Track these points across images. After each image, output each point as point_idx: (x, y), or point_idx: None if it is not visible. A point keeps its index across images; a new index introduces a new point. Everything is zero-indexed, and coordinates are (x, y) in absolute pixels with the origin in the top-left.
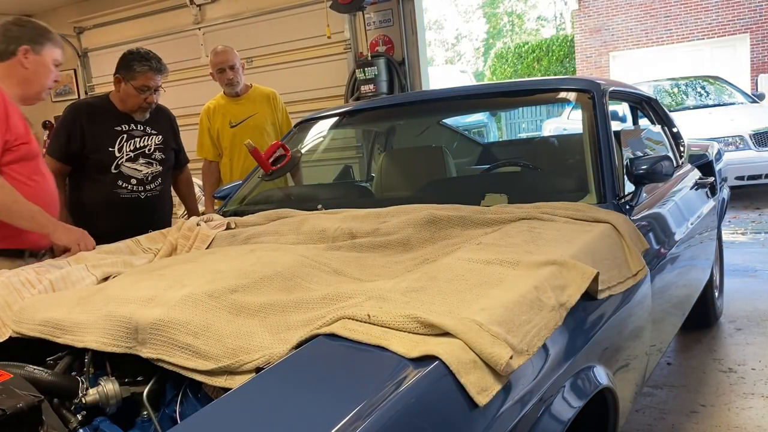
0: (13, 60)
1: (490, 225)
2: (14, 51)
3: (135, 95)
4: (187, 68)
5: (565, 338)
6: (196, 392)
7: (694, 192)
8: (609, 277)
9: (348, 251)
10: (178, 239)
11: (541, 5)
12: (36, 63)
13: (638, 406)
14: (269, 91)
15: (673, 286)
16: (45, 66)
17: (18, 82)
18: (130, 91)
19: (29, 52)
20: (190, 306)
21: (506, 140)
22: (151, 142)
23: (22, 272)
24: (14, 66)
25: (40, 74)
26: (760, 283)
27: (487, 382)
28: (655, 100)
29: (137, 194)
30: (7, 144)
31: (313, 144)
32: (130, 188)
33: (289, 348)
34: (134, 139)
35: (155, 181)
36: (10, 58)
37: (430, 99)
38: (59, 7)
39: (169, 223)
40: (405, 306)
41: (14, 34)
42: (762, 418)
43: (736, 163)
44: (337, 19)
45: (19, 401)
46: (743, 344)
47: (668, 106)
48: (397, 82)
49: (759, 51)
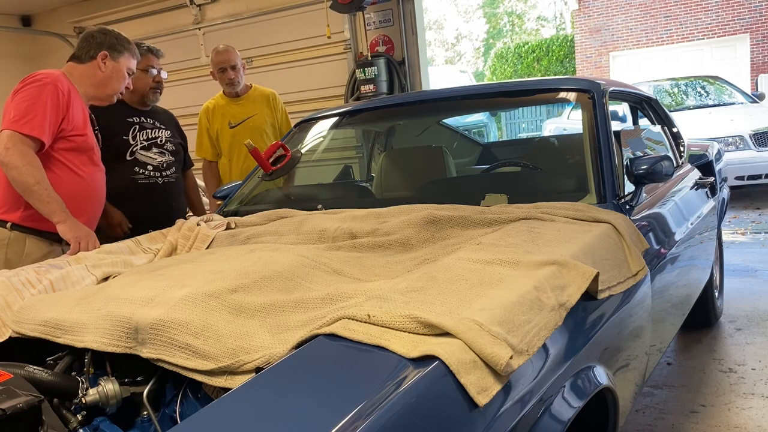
0: (93, 63)
1: (490, 225)
2: (95, 55)
3: (142, 76)
4: (187, 68)
5: (565, 338)
6: (196, 392)
7: (694, 192)
8: (609, 277)
9: (348, 251)
10: (178, 239)
11: (541, 5)
12: (112, 68)
13: (638, 406)
14: (269, 92)
15: (673, 286)
16: (120, 72)
17: (93, 83)
18: (137, 74)
19: (107, 58)
20: (190, 306)
21: (506, 140)
22: (162, 134)
23: (22, 272)
24: (92, 68)
25: (114, 79)
26: (760, 283)
27: (487, 382)
28: (655, 100)
29: (155, 179)
30: (63, 132)
31: (313, 144)
32: (147, 174)
33: (289, 348)
34: (146, 130)
35: (170, 168)
36: (90, 61)
37: (430, 99)
38: (59, 7)
39: (184, 214)
40: (405, 306)
41: (98, 40)
42: (762, 418)
43: (736, 163)
44: (337, 19)
45: (19, 401)
46: (743, 344)
47: (668, 106)
48: (397, 82)
49: (759, 51)
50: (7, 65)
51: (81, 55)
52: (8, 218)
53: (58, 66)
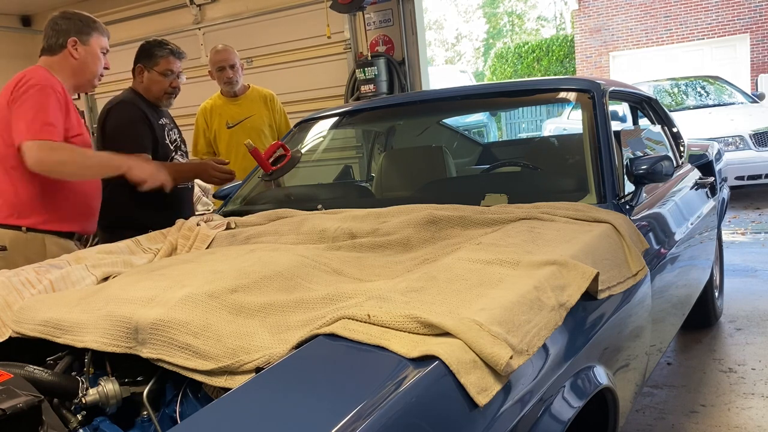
0: (64, 52)
1: (490, 225)
2: (64, 44)
3: (160, 80)
4: (187, 68)
5: (565, 338)
6: (196, 392)
7: (694, 192)
8: (609, 277)
9: (348, 251)
10: (178, 239)
11: (541, 5)
12: (85, 53)
13: (638, 406)
14: (267, 93)
15: (673, 286)
16: (94, 55)
17: (71, 73)
18: (155, 78)
19: (77, 44)
20: (190, 306)
21: (506, 140)
22: (177, 134)
23: (22, 272)
24: (66, 58)
25: (90, 63)
26: (760, 283)
27: (487, 382)
28: (655, 100)
29: (185, 183)
30: (66, 134)
31: (313, 144)
32: None
33: (289, 348)
34: (171, 131)
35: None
36: (61, 50)
37: (430, 99)
38: (59, 7)
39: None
40: (405, 306)
41: (62, 27)
42: (762, 418)
43: (736, 163)
44: (337, 19)
45: (19, 401)
46: (743, 344)
47: (668, 106)
48: (397, 82)
49: (759, 51)
50: (7, 65)
51: (51, 45)
52: (22, 223)
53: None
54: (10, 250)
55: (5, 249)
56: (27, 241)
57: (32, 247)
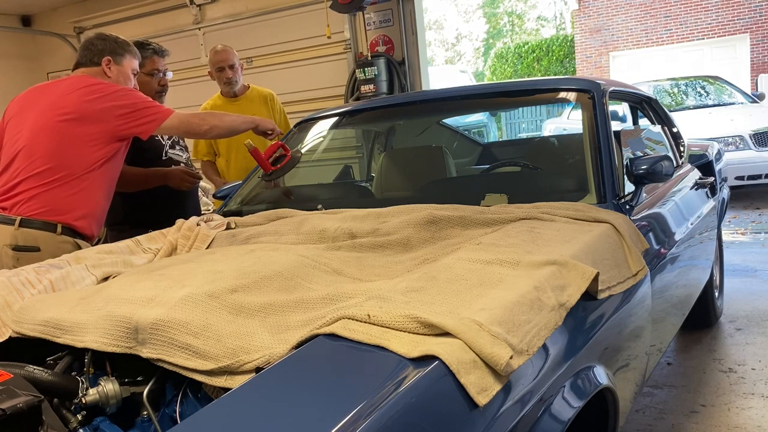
0: (98, 69)
1: (490, 225)
2: (98, 62)
3: (148, 81)
4: (187, 68)
5: (565, 338)
6: (196, 392)
7: (694, 192)
8: (609, 277)
9: (348, 251)
10: (178, 239)
11: (541, 5)
12: (117, 72)
13: (638, 406)
14: (267, 93)
15: (673, 286)
16: (125, 75)
17: None
18: (143, 79)
19: (111, 63)
20: (190, 306)
21: (506, 140)
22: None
23: (22, 272)
24: (99, 74)
25: (121, 82)
26: (760, 283)
27: (487, 382)
28: (655, 100)
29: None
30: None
31: (313, 144)
32: None
33: (289, 348)
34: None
35: (193, 165)
36: (96, 67)
37: (430, 99)
38: (59, 7)
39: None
40: (405, 306)
41: (98, 47)
42: (762, 418)
43: (736, 163)
44: (337, 19)
45: (19, 401)
46: (743, 344)
47: (668, 106)
48: (397, 82)
49: (759, 51)
50: (7, 65)
51: (87, 60)
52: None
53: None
54: (42, 252)
55: (38, 250)
56: (59, 244)
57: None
